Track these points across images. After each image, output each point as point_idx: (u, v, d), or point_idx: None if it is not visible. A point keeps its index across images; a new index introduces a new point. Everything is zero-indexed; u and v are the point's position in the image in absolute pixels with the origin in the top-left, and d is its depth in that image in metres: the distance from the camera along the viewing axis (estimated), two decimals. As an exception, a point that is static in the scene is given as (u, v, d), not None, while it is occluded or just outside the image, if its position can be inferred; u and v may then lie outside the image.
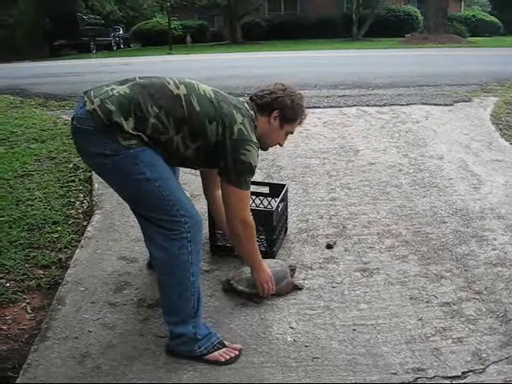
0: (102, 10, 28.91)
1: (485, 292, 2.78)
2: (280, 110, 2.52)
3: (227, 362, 2.30)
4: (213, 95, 2.33)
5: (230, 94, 2.53)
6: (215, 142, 2.29)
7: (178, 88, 2.26)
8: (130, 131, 2.13)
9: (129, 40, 31.16)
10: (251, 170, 2.36)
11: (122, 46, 29.26)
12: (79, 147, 2.32)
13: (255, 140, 2.36)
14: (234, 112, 2.32)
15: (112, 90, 2.20)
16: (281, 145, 2.72)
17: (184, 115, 2.22)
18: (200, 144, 2.29)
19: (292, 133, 2.70)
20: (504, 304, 2.67)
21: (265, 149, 2.63)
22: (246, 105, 2.47)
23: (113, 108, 2.12)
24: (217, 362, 2.30)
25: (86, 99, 2.19)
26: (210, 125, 2.26)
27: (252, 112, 2.47)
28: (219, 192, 2.61)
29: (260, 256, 2.65)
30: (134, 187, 2.23)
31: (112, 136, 2.12)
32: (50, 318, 2.63)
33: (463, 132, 5.25)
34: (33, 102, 6.81)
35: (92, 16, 26.38)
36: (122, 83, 2.26)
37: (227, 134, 2.28)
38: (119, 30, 30.11)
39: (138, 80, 2.28)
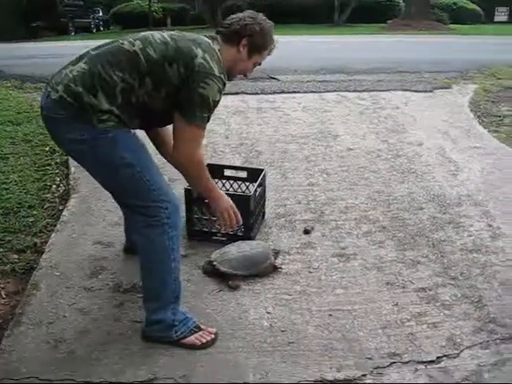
0: (81, -9, 28.44)
1: (460, 278, 2.81)
2: (248, 36, 2.39)
3: (204, 346, 2.30)
4: (168, 38, 2.23)
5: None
6: (178, 83, 2.18)
7: (133, 45, 2.18)
8: (104, 108, 2.08)
9: (108, 22, 30.72)
10: (209, 104, 2.20)
11: (101, 29, 28.83)
12: (54, 136, 2.28)
13: (218, 74, 2.22)
14: (193, 47, 2.20)
15: (71, 71, 2.14)
16: (246, 76, 2.58)
17: (145, 67, 2.14)
18: (165, 92, 2.19)
19: (260, 64, 2.57)
20: (479, 290, 2.69)
21: (231, 79, 2.47)
22: (206, 39, 2.33)
23: (79, 89, 2.07)
24: (193, 346, 2.30)
25: (49, 89, 2.15)
26: (171, 67, 2.16)
27: (216, 46, 2.33)
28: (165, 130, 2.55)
29: (214, 184, 2.54)
30: (113, 172, 2.19)
31: (86, 119, 2.08)
32: (24, 303, 2.60)
33: (442, 119, 5.27)
34: (8, 84, 6.69)
35: (71, -3, 25.95)
36: (77, 61, 2.18)
37: (188, 70, 2.17)
38: (99, 12, 29.62)
39: (92, 52, 2.21)
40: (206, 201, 2.69)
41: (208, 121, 2.27)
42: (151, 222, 2.20)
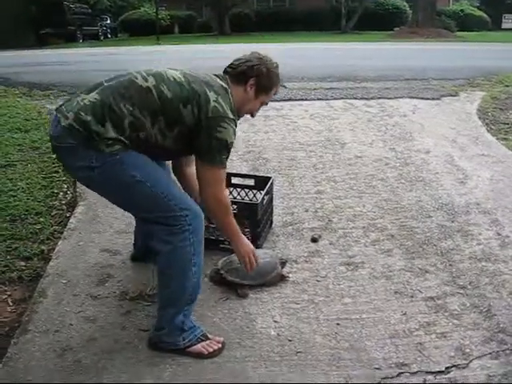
0: (89, -1, 28.62)
1: (469, 287, 2.78)
2: (256, 77, 2.46)
3: (211, 355, 2.29)
4: (183, 78, 2.28)
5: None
6: (192, 124, 2.24)
7: (146, 81, 2.22)
8: (110, 136, 2.11)
9: (116, 30, 30.89)
10: (227, 146, 2.28)
11: (109, 36, 28.99)
12: (64, 164, 2.35)
13: (231, 116, 2.29)
14: (207, 90, 2.26)
15: (82, 100, 2.18)
16: (253, 115, 2.65)
17: (158, 105, 2.19)
18: (178, 131, 2.24)
19: (266, 104, 2.64)
20: (488, 299, 2.67)
21: (238, 118, 2.50)
22: (218, 80, 2.40)
23: (88, 118, 2.11)
24: (200, 355, 2.28)
25: (59, 116, 2.17)
26: (185, 108, 2.21)
27: (225, 85, 2.39)
28: (190, 169, 2.60)
29: (238, 229, 2.57)
30: (126, 192, 2.23)
31: (94, 146, 2.11)
32: (31, 310, 2.60)
33: (450, 126, 5.25)
34: (17, 91, 6.72)
35: (79, 5, 26.06)
36: (90, 91, 2.23)
37: (202, 113, 2.22)
38: (106, 20, 29.79)
39: (105, 84, 2.25)
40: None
41: (227, 160, 2.34)
42: (173, 230, 2.21)
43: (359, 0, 25.54)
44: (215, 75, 2.44)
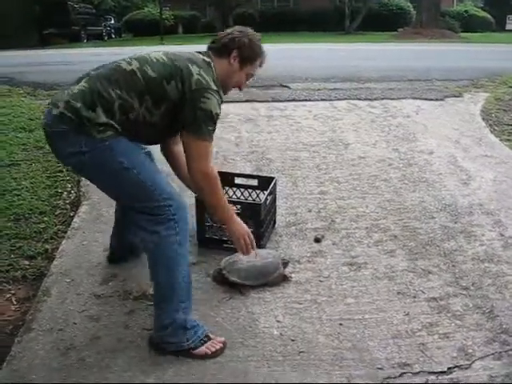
0: (93, 0, 28.65)
1: (472, 288, 2.79)
2: (238, 49, 2.50)
3: (214, 355, 2.29)
4: (165, 57, 2.34)
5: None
6: (177, 98, 2.28)
7: (130, 64, 2.29)
8: (101, 121, 2.17)
9: (120, 30, 30.93)
10: (212, 117, 2.30)
11: (113, 36, 29.03)
12: (56, 151, 2.37)
13: (215, 87, 2.32)
14: (189, 65, 2.31)
15: (72, 89, 2.24)
16: (240, 88, 2.66)
17: (143, 85, 2.24)
18: (164, 109, 2.29)
19: (253, 75, 2.66)
20: (491, 300, 2.67)
21: (226, 92, 2.55)
22: (201, 56, 2.44)
23: (78, 105, 2.17)
24: (204, 356, 2.29)
25: (50, 106, 2.25)
26: (169, 84, 2.26)
27: (208, 59, 2.43)
28: (177, 147, 2.64)
29: (230, 208, 2.57)
30: (113, 178, 2.27)
31: (86, 131, 2.16)
32: (35, 309, 2.62)
33: (453, 127, 5.25)
34: (21, 91, 6.73)
35: (83, 5, 26.10)
36: (78, 81, 2.29)
37: (186, 87, 2.27)
38: (110, 20, 29.83)
39: (92, 72, 2.32)
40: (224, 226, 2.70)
41: (213, 133, 2.34)
42: (158, 219, 2.24)
43: (363, 1, 25.52)
44: (198, 52, 2.49)
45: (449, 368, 2.22)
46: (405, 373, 2.20)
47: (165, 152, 2.88)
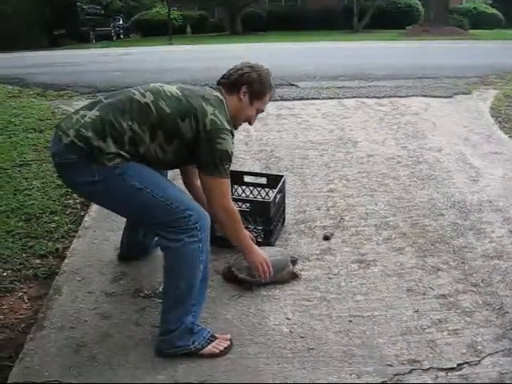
0: (101, 0, 28.75)
1: (481, 284, 2.78)
2: (248, 84, 2.53)
3: (222, 353, 2.30)
4: (180, 93, 2.35)
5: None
6: (191, 137, 2.30)
7: (144, 96, 2.29)
8: (111, 151, 2.17)
9: (129, 30, 31.03)
10: (228, 157, 2.35)
11: (121, 37, 29.13)
12: (67, 181, 2.40)
13: (228, 127, 2.35)
14: (204, 104, 2.33)
15: (82, 116, 2.24)
16: (250, 123, 2.70)
17: (156, 120, 2.25)
18: (176, 145, 2.31)
19: (263, 110, 2.70)
20: (500, 296, 2.67)
21: (236, 127, 2.59)
22: (214, 92, 2.46)
23: (89, 134, 2.16)
24: (213, 355, 2.30)
25: (60, 133, 2.22)
26: (183, 122, 2.28)
27: (221, 97, 2.47)
28: (198, 182, 2.64)
29: (249, 239, 2.66)
30: (128, 202, 2.28)
31: (96, 161, 2.16)
32: (46, 307, 2.64)
33: (462, 124, 5.24)
34: (31, 92, 6.78)
35: (92, 6, 26.23)
36: (90, 108, 2.29)
37: (200, 126, 2.28)
38: (119, 20, 29.94)
39: (104, 101, 2.31)
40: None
41: (229, 170, 2.40)
42: (180, 230, 2.24)
43: (371, -2, 25.47)
44: (210, 87, 2.53)
45: (458, 364, 2.22)
46: (414, 369, 2.20)
47: (187, 186, 2.90)
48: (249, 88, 2.54)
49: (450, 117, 5.47)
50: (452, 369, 2.20)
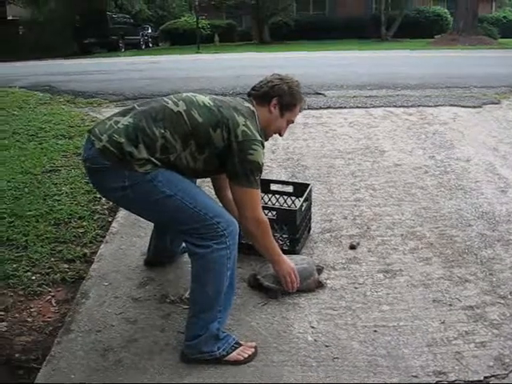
0: (131, 9, 29.12)
1: (509, 296, 2.74)
2: (278, 96, 2.55)
3: (247, 361, 2.30)
4: (212, 103, 2.37)
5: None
6: (222, 147, 2.33)
7: (177, 105, 2.32)
8: (143, 157, 2.20)
9: (157, 39, 31.39)
10: (259, 168, 2.38)
11: (150, 45, 29.47)
12: (97, 186, 2.44)
13: (259, 138, 2.38)
14: (236, 115, 2.35)
15: (116, 122, 2.28)
16: (281, 134, 2.73)
17: (189, 129, 2.28)
18: (207, 154, 2.34)
19: (293, 121, 2.72)
20: (529, 309, 2.63)
21: (267, 139, 2.61)
22: (245, 103, 2.50)
23: (122, 140, 2.20)
24: (237, 362, 2.30)
25: (93, 138, 2.26)
26: (215, 132, 2.30)
27: (252, 108, 2.49)
28: (230, 193, 2.66)
29: (278, 250, 2.66)
30: (158, 208, 2.30)
31: (128, 166, 2.19)
32: (73, 311, 2.68)
33: (491, 134, 5.18)
34: (61, 99, 6.90)
35: (121, 15, 26.64)
36: (123, 114, 2.33)
37: (232, 137, 2.31)
38: (148, 29, 30.29)
39: (138, 108, 2.35)
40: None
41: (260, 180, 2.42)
42: (208, 236, 2.26)
43: (399, 8, 25.36)
44: (242, 98, 2.56)
45: (485, 377, 2.19)
46: (440, 381, 2.18)
47: (219, 197, 2.94)
48: (279, 100, 2.56)
49: (478, 127, 5.42)
50: (479, 381, 2.17)
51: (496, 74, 8.52)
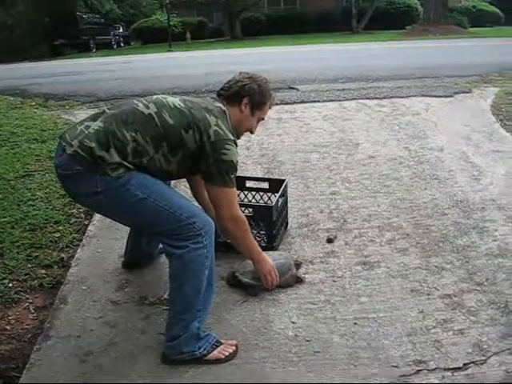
0: (101, 9, 28.88)
1: (486, 283, 2.78)
2: (249, 96, 2.56)
3: (228, 359, 2.31)
4: (182, 105, 2.37)
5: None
6: (195, 148, 2.32)
7: (147, 108, 2.32)
8: (115, 161, 2.18)
9: (129, 38, 31.17)
10: (234, 167, 2.39)
11: (122, 45, 29.26)
12: (70, 192, 2.42)
13: (232, 137, 2.39)
14: (207, 115, 2.35)
15: (86, 127, 2.26)
16: (252, 132, 2.74)
17: (160, 131, 2.27)
18: (181, 155, 2.33)
19: (263, 119, 2.74)
20: (505, 295, 2.67)
21: (238, 137, 2.61)
22: (216, 103, 2.50)
23: (93, 144, 2.18)
24: (218, 361, 2.30)
25: (63, 144, 2.25)
26: (187, 133, 2.30)
27: (223, 108, 2.50)
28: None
29: (258, 247, 2.68)
30: (132, 212, 2.29)
31: (99, 171, 2.18)
32: (52, 317, 2.65)
33: (463, 123, 5.23)
34: (33, 103, 6.81)
35: (91, 15, 26.39)
36: (94, 118, 2.31)
37: (204, 138, 2.31)
38: (119, 29, 30.08)
39: (108, 112, 2.34)
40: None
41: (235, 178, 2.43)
42: (185, 236, 2.26)
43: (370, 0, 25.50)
44: (212, 98, 2.56)
45: (464, 364, 2.22)
46: (420, 370, 2.21)
47: (196, 197, 2.96)
48: (250, 99, 2.57)
49: (450, 116, 5.47)
50: (458, 368, 2.20)
51: (466, 63, 8.61)
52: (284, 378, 2.19)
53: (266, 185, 3.46)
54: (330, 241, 3.26)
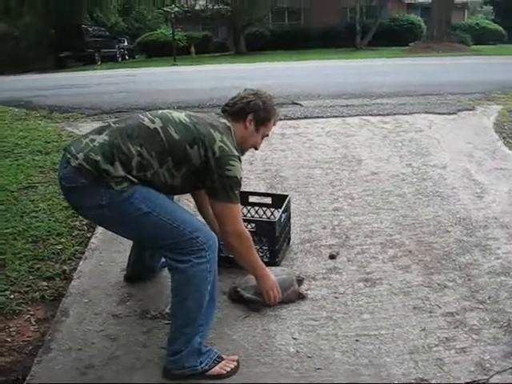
0: (106, 22, 29.08)
1: (488, 301, 2.77)
2: (254, 112, 2.58)
3: (229, 375, 2.30)
4: (188, 120, 2.38)
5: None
6: (199, 163, 2.33)
7: (153, 122, 2.32)
8: (119, 174, 2.19)
9: (134, 51, 31.33)
10: (238, 183, 2.39)
11: (126, 58, 29.39)
12: (74, 204, 2.42)
13: (236, 153, 2.39)
14: (212, 131, 2.36)
15: (92, 141, 2.26)
16: (256, 148, 2.75)
17: (165, 146, 2.28)
18: (185, 170, 2.34)
19: (268, 135, 2.75)
20: (508, 313, 2.66)
21: (243, 153, 2.62)
22: (221, 119, 2.51)
23: (98, 158, 2.19)
24: (219, 376, 2.29)
25: (68, 156, 2.25)
26: (192, 149, 2.30)
27: (228, 124, 2.51)
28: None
29: (262, 263, 2.67)
30: (135, 226, 2.29)
31: (104, 184, 2.18)
32: (53, 329, 2.64)
33: (466, 141, 5.25)
34: (37, 114, 6.84)
35: (97, 28, 26.55)
36: (99, 132, 2.32)
37: (209, 153, 2.31)
38: (124, 42, 30.23)
39: (113, 125, 2.35)
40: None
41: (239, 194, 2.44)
42: (188, 251, 2.26)
43: (374, 16, 25.64)
44: (217, 114, 2.57)
45: (466, 383, 2.21)
46: (422, 388, 2.20)
47: (201, 212, 2.96)
48: (255, 116, 2.58)
49: (453, 133, 5.49)
50: (460, 387, 2.19)
51: (470, 81, 8.65)
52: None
53: (268, 200, 3.47)
54: (332, 257, 3.26)
